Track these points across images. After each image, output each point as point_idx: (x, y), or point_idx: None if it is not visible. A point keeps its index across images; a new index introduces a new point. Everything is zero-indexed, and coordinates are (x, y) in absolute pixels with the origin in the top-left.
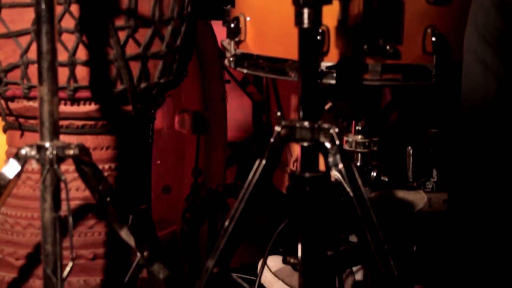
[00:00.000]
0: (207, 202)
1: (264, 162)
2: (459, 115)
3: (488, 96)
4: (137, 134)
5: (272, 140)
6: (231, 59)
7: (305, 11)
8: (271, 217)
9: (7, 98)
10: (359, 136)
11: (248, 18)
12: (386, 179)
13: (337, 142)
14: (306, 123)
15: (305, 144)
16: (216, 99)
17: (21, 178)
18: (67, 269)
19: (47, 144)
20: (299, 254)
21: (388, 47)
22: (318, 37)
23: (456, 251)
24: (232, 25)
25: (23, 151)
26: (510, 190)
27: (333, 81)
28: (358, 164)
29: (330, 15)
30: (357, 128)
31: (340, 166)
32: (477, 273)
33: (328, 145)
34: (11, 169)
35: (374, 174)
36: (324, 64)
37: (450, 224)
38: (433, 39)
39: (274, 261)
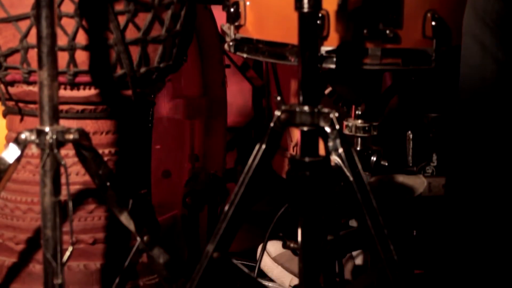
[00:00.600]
0: (207, 187)
1: (264, 146)
2: (457, 98)
3: (486, 78)
4: (137, 119)
5: (272, 124)
6: (231, 43)
7: None
8: (271, 202)
9: (7, 83)
10: (359, 121)
11: (247, 3)
12: (386, 164)
13: (337, 127)
14: (306, 108)
15: (305, 128)
16: (216, 83)
17: (21, 163)
18: (67, 253)
19: (47, 129)
20: (299, 238)
21: (388, 32)
22: (318, 22)
23: (454, 235)
24: (232, 10)
25: (22, 136)
26: (508, 174)
27: (333, 66)
28: (358, 148)
29: None
30: (357, 112)
31: (340, 150)
32: (475, 257)
33: (328, 129)
34: (11, 153)
35: (374, 158)
36: (324, 49)
37: (447, 208)
38: (433, 23)
39: (274, 246)
